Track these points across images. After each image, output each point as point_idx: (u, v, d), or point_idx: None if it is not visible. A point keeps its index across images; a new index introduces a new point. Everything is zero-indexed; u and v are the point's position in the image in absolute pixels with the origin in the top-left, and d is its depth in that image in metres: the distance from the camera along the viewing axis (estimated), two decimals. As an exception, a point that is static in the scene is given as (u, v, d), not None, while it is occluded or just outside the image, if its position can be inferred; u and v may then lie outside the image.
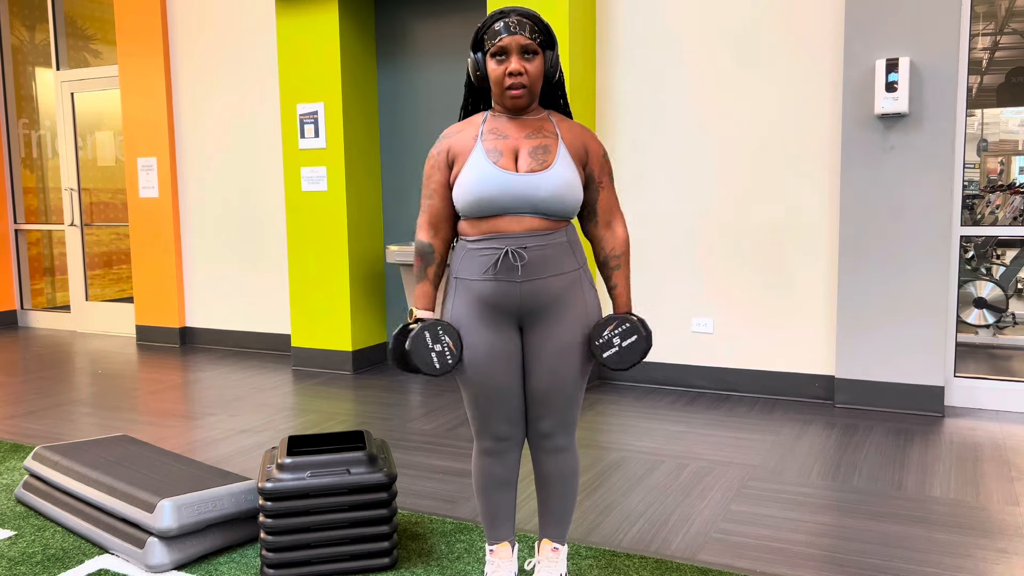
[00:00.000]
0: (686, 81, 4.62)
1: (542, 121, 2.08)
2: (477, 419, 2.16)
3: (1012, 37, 4.24)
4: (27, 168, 7.45)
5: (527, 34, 1.97)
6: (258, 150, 6.02)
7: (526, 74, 1.98)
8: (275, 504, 2.45)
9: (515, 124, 2.06)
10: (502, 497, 2.22)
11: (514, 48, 1.97)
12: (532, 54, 1.99)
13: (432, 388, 4.93)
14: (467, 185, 2.00)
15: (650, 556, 2.60)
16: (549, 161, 2.01)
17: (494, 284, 2.02)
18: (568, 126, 2.09)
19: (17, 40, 7.27)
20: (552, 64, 2.04)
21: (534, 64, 2.00)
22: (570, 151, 2.05)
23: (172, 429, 4.14)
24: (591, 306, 2.10)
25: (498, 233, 2.01)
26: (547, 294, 2.04)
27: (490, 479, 2.20)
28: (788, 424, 4.04)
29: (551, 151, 2.03)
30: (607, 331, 2.06)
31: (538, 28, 2.00)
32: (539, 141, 2.04)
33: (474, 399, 2.12)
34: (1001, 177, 4.62)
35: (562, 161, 2.02)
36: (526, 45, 1.97)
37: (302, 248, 5.46)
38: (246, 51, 5.97)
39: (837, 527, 2.81)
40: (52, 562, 2.64)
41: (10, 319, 7.52)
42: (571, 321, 2.06)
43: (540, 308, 2.05)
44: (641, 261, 4.82)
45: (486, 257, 2.02)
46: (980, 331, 4.82)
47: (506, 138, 2.04)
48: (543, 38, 2.02)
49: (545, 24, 2.02)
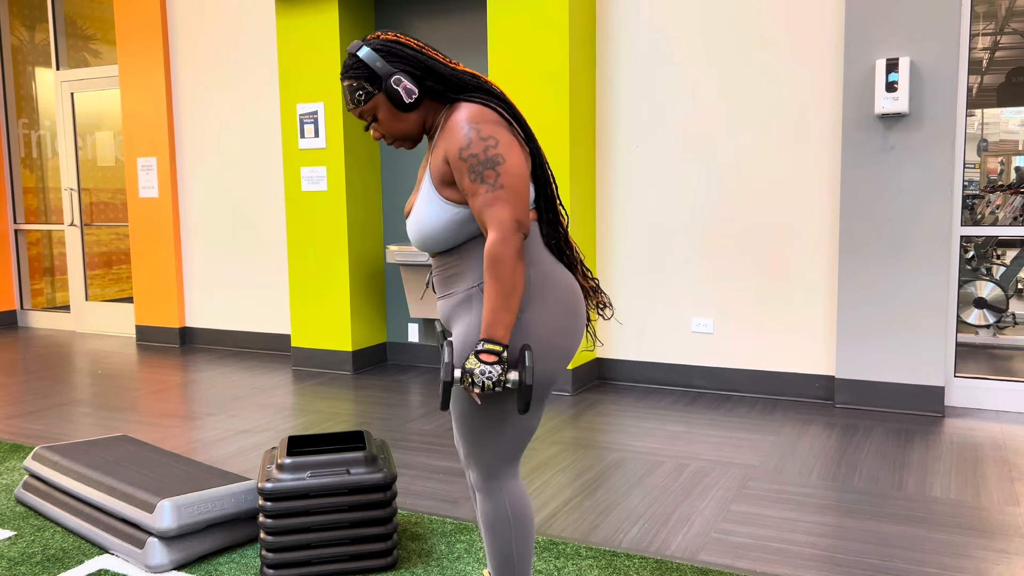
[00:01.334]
0: (686, 81, 4.62)
1: (434, 141, 1.86)
2: (524, 439, 1.90)
3: (1012, 37, 4.24)
4: (27, 168, 7.45)
5: (352, 103, 1.82)
6: (258, 150, 6.01)
7: (382, 131, 1.86)
8: (275, 504, 2.45)
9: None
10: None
11: (358, 117, 1.86)
12: (372, 111, 1.83)
13: (432, 388, 4.93)
14: None
15: (650, 556, 2.60)
16: (413, 200, 1.88)
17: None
18: (443, 131, 1.80)
19: (17, 40, 7.27)
20: (391, 93, 1.78)
21: (381, 116, 1.83)
22: (435, 172, 1.80)
23: (172, 429, 4.14)
24: (477, 326, 1.79)
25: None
26: (443, 314, 1.91)
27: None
28: (788, 424, 4.04)
29: (420, 181, 1.87)
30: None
31: (358, 79, 1.80)
32: (423, 170, 1.88)
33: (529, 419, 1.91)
34: (1001, 177, 4.62)
35: (423, 195, 1.83)
36: (360, 113, 1.84)
37: (302, 248, 5.45)
38: (246, 51, 5.97)
39: (837, 527, 2.81)
40: (52, 562, 2.64)
41: (10, 319, 7.52)
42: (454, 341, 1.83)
43: (449, 327, 1.92)
44: (641, 261, 4.82)
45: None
46: (980, 331, 4.82)
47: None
48: (367, 85, 1.80)
49: (360, 63, 1.79)
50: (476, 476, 1.91)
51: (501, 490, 1.90)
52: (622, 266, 4.87)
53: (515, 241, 1.71)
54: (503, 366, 1.69)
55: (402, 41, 1.81)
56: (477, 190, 1.72)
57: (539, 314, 1.79)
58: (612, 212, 4.87)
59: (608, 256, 4.91)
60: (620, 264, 4.87)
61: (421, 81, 1.80)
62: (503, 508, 1.90)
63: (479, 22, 5.19)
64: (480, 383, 1.68)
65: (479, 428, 1.84)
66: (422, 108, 1.84)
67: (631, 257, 4.84)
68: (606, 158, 4.86)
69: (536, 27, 4.53)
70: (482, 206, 1.72)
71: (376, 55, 1.78)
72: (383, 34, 1.82)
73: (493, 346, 1.70)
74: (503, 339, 1.71)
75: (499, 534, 1.91)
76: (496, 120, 1.77)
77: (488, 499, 1.90)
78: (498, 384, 1.68)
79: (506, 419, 1.83)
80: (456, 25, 5.27)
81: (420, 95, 1.81)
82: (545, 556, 2.61)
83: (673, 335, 4.78)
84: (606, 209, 4.88)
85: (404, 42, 1.81)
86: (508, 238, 1.70)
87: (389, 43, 1.80)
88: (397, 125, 1.83)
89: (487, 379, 1.68)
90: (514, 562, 1.93)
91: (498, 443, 1.85)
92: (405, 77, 1.78)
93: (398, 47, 1.80)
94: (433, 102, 1.85)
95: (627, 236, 4.84)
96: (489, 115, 1.77)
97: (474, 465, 1.89)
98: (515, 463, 1.91)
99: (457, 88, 1.81)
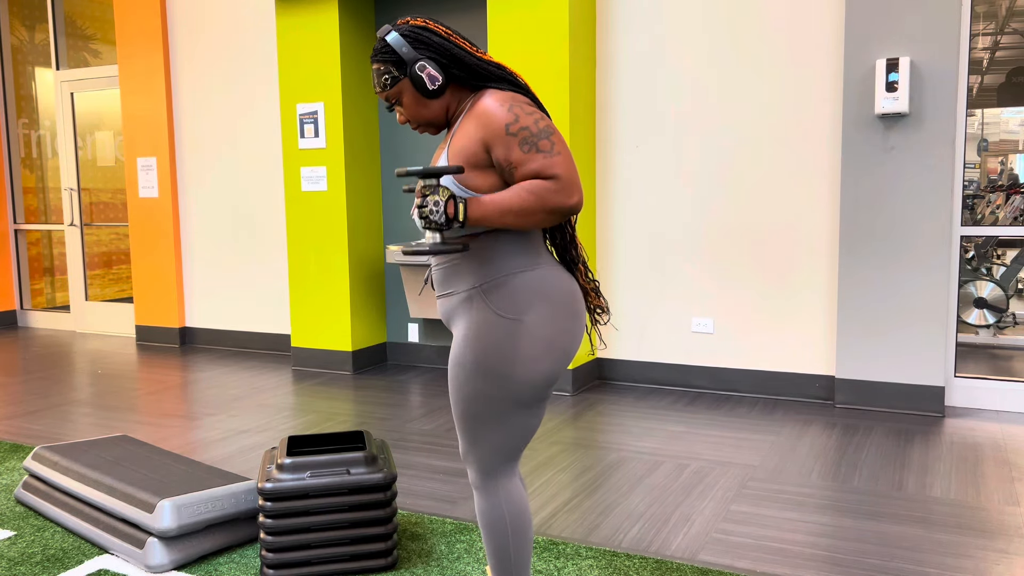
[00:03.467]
0: (686, 81, 4.62)
1: (455, 126, 1.87)
2: (523, 438, 1.90)
3: (1012, 37, 4.24)
4: (27, 168, 7.45)
5: (379, 86, 1.85)
6: (258, 150, 6.01)
7: (406, 115, 1.88)
8: (275, 504, 2.45)
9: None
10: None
11: (384, 100, 1.89)
12: (396, 95, 1.85)
13: (432, 388, 4.93)
14: None
15: (650, 556, 2.60)
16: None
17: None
18: (468, 116, 1.81)
19: (17, 40, 7.27)
20: (416, 79, 1.80)
21: (406, 101, 1.85)
22: (456, 154, 1.79)
23: (172, 429, 4.14)
24: (478, 326, 1.80)
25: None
26: (444, 312, 1.92)
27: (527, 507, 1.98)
28: (788, 424, 4.04)
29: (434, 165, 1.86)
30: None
31: (385, 63, 1.83)
32: (438, 154, 1.88)
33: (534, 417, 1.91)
34: (1001, 177, 4.62)
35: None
36: (387, 96, 1.86)
37: (302, 248, 5.45)
38: (246, 51, 5.97)
39: (837, 527, 2.81)
40: (52, 562, 2.64)
41: (10, 319, 7.52)
42: (458, 341, 1.84)
43: (449, 326, 1.94)
44: (641, 261, 4.82)
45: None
46: (980, 331, 4.82)
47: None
48: (393, 70, 1.82)
49: (387, 47, 1.82)
50: (474, 474, 1.91)
51: (498, 489, 1.90)
52: (622, 266, 4.87)
53: (573, 194, 1.71)
54: (443, 199, 1.68)
55: (430, 27, 1.82)
56: (533, 158, 1.71)
57: (539, 315, 1.80)
58: (612, 212, 4.87)
59: (608, 256, 4.91)
60: (620, 264, 4.87)
61: (447, 69, 1.81)
62: (500, 507, 1.91)
63: (479, 22, 5.19)
64: (428, 214, 1.68)
65: (479, 426, 1.84)
66: (446, 95, 1.85)
67: (631, 257, 4.84)
68: (606, 158, 4.86)
69: (536, 26, 4.53)
70: (540, 167, 1.71)
71: (403, 40, 1.80)
72: (412, 20, 1.84)
73: (459, 203, 1.70)
74: (471, 214, 1.71)
75: (497, 532, 1.92)
76: (530, 103, 1.80)
77: (485, 497, 1.91)
78: (437, 210, 1.68)
79: (507, 418, 1.84)
80: (456, 25, 5.27)
81: (445, 82, 1.82)
82: (545, 556, 2.61)
83: (673, 335, 4.78)
84: (606, 209, 4.88)
85: (432, 28, 1.82)
86: (567, 187, 1.70)
87: (417, 29, 1.81)
88: (421, 111, 1.85)
89: (433, 211, 1.68)
90: (512, 560, 1.93)
91: (498, 442, 1.86)
92: (430, 64, 1.80)
93: (425, 34, 1.81)
94: (458, 90, 1.86)
95: (627, 236, 4.84)
96: (521, 99, 1.79)
97: (472, 463, 1.90)
98: (514, 462, 1.91)
99: (482, 77, 1.82)
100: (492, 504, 1.90)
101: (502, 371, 1.79)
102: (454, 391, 1.86)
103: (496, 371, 1.79)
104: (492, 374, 1.79)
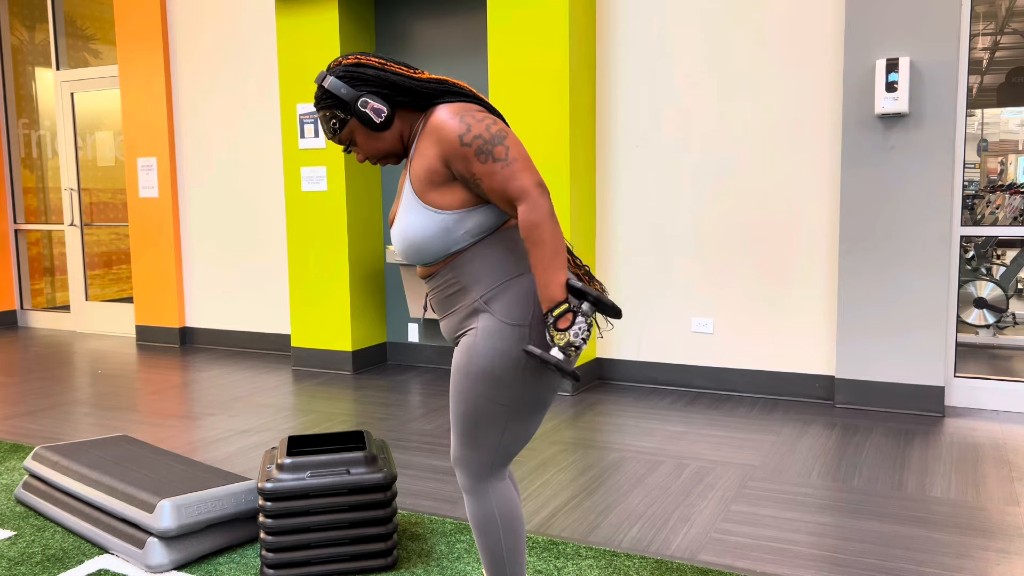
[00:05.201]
0: (686, 81, 4.62)
1: (412, 150, 1.87)
2: (522, 443, 1.92)
3: (1012, 37, 4.24)
4: (27, 168, 7.45)
5: (329, 132, 1.86)
6: (258, 150, 6.01)
7: (364, 153, 1.88)
8: (275, 504, 2.45)
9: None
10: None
11: (339, 144, 1.89)
12: (348, 137, 1.86)
13: (432, 388, 4.93)
14: None
15: (650, 556, 2.60)
16: (396, 208, 1.88)
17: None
18: (423, 136, 1.81)
19: (17, 40, 7.27)
20: (361, 116, 1.80)
21: (359, 139, 1.85)
22: (417, 177, 1.80)
23: (172, 429, 4.14)
24: (486, 335, 1.80)
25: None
26: (447, 331, 1.93)
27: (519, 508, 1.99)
28: (788, 424, 4.04)
29: (400, 192, 1.87)
30: (548, 341, 1.77)
31: (329, 108, 1.83)
32: (403, 180, 1.87)
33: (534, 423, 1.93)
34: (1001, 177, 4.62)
35: (405, 202, 1.83)
36: (339, 140, 1.86)
37: (302, 248, 5.46)
38: (246, 51, 5.97)
39: (837, 527, 2.81)
40: (52, 562, 2.64)
41: (10, 319, 7.52)
42: (465, 349, 1.84)
43: (454, 342, 1.95)
44: (641, 261, 4.82)
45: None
46: (980, 331, 4.82)
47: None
48: (339, 113, 1.82)
49: (327, 93, 1.82)
50: (465, 478, 1.91)
51: (489, 492, 1.91)
52: (622, 266, 4.87)
53: (544, 203, 1.72)
54: (581, 317, 1.71)
55: (363, 63, 1.82)
56: (492, 169, 1.73)
57: (539, 318, 1.81)
58: (612, 212, 4.87)
59: (608, 256, 4.91)
60: (620, 264, 4.87)
61: (389, 98, 1.82)
62: (491, 510, 1.91)
63: (479, 22, 5.19)
64: (580, 343, 1.70)
65: (479, 432, 1.85)
66: (396, 124, 1.85)
67: (631, 257, 4.84)
68: (606, 158, 4.86)
69: (536, 27, 4.53)
70: (502, 183, 1.72)
71: (340, 82, 1.81)
72: (344, 59, 1.84)
73: (560, 308, 1.71)
74: (563, 296, 1.72)
75: (489, 535, 1.93)
76: (480, 109, 1.81)
77: (476, 501, 1.92)
78: (590, 329, 1.71)
79: (509, 424, 1.84)
80: (456, 25, 5.27)
81: (392, 112, 1.82)
82: (545, 556, 2.61)
83: (673, 335, 4.78)
84: (606, 209, 4.89)
85: (365, 63, 1.82)
86: (537, 202, 1.72)
87: (350, 68, 1.82)
88: (376, 145, 1.85)
89: (583, 336, 1.70)
90: (505, 562, 1.94)
91: (496, 447, 1.86)
92: (372, 98, 1.80)
93: (359, 70, 1.81)
94: (407, 115, 1.86)
95: (627, 236, 4.84)
96: (471, 107, 1.80)
97: (464, 467, 1.90)
98: (507, 466, 1.93)
99: (426, 96, 1.82)
100: (484, 507, 1.91)
101: (510, 378, 1.80)
102: (457, 397, 1.86)
103: (505, 378, 1.79)
104: (500, 381, 1.80)
